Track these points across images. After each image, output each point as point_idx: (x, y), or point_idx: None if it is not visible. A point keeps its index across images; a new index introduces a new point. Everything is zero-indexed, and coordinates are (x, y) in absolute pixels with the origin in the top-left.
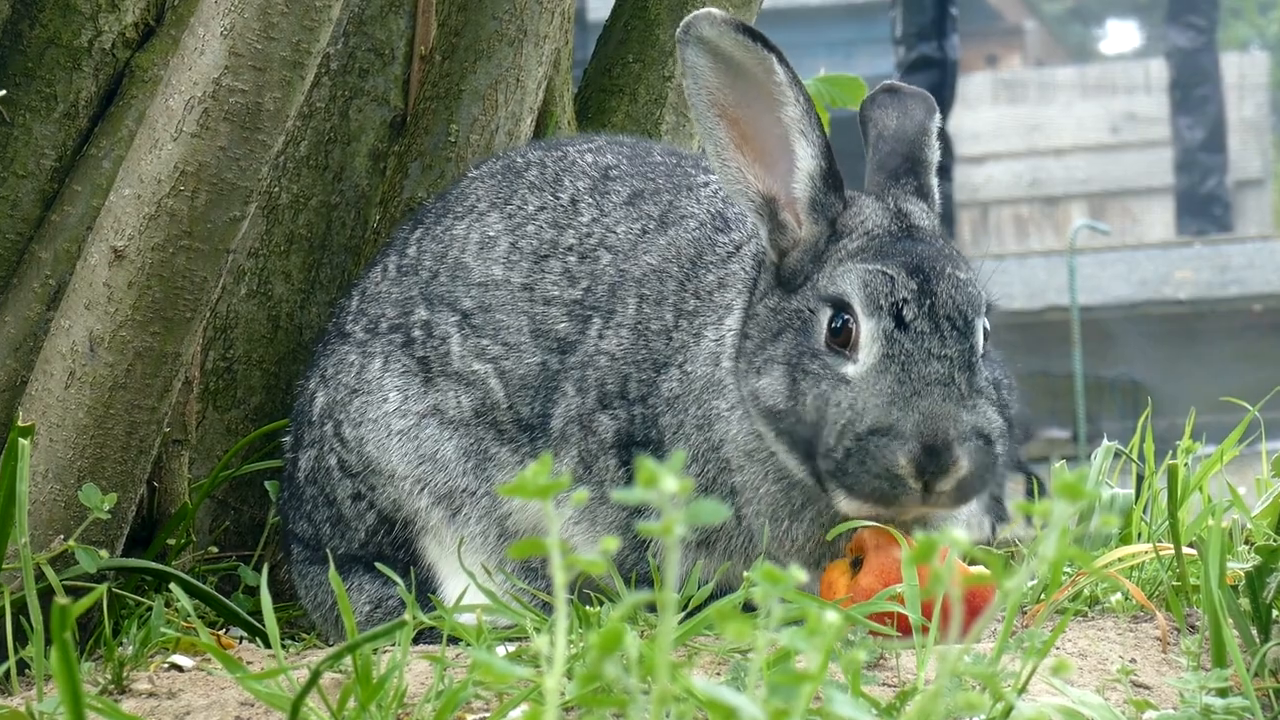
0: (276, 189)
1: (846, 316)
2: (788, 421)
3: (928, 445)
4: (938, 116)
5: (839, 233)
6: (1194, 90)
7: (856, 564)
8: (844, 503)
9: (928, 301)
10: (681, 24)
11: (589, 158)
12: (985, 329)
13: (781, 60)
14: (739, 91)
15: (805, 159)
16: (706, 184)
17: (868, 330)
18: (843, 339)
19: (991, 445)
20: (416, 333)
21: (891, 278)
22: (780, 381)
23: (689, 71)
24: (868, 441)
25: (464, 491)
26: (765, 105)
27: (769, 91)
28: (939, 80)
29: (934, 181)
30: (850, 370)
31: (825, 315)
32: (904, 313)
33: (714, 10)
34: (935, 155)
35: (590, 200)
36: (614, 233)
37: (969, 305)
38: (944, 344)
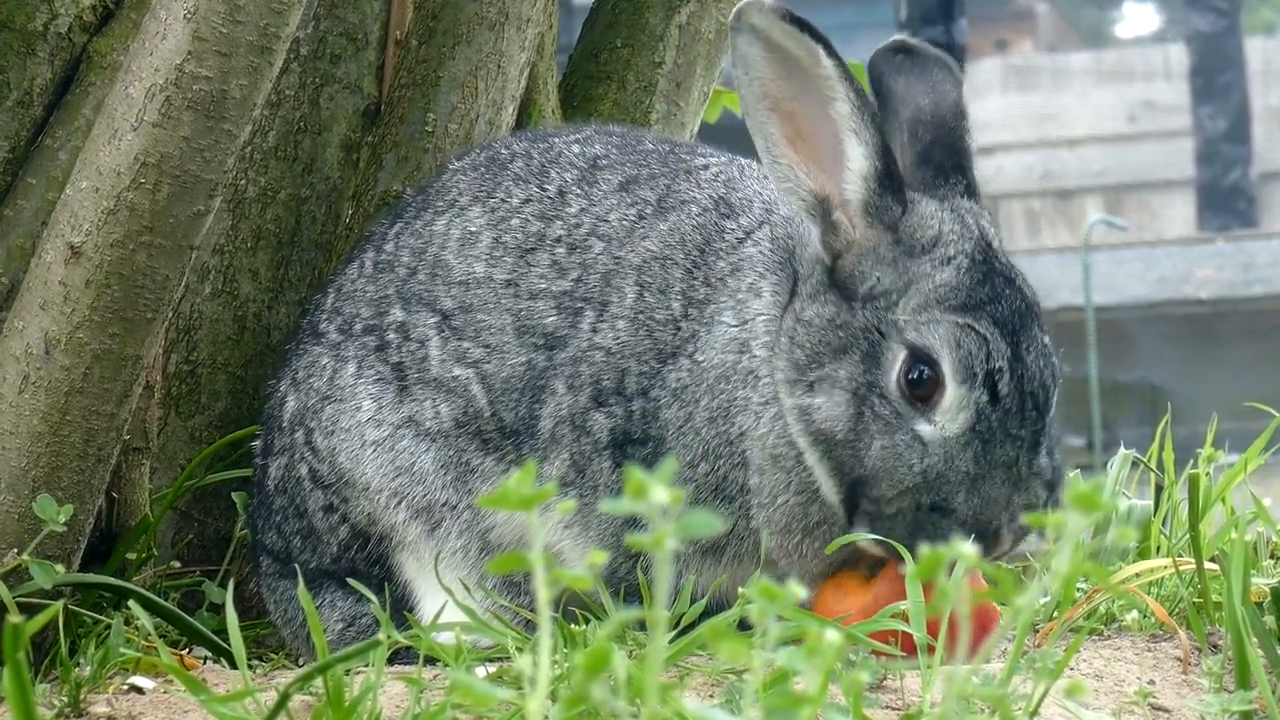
0: (243, 181)
1: (929, 372)
2: (843, 453)
3: (979, 535)
4: (964, 88)
5: (908, 244)
6: (1216, 77)
7: (874, 570)
8: (864, 536)
9: (1019, 372)
10: (733, 11)
11: (576, 148)
12: None
13: (830, 51)
14: (793, 84)
15: (857, 159)
16: (706, 167)
17: (956, 396)
18: (922, 393)
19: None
20: (391, 335)
21: (985, 340)
22: (842, 409)
23: (740, 61)
24: (923, 513)
25: (444, 505)
26: (816, 100)
27: (818, 85)
28: None
29: (975, 177)
30: (926, 431)
31: (900, 356)
32: (999, 386)
33: None
34: (974, 141)
35: (578, 191)
36: (606, 221)
37: (1052, 379)
38: (1022, 424)
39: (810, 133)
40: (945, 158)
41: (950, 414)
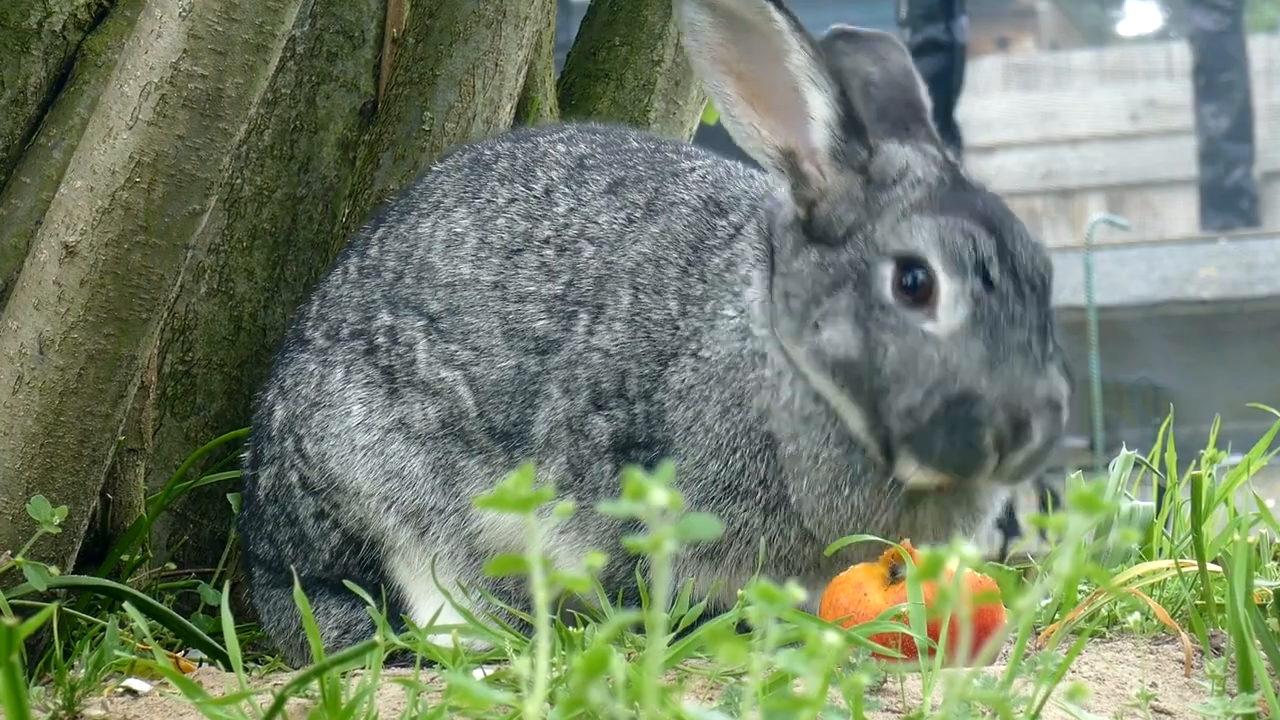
0: (239, 180)
1: (920, 273)
2: (862, 372)
3: (1011, 419)
4: (909, 55)
5: (878, 180)
6: (1219, 75)
7: (894, 573)
8: (910, 469)
9: (1008, 260)
10: None
11: (561, 147)
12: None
13: (779, 6)
14: (743, 46)
15: (819, 106)
16: (693, 169)
17: (950, 289)
18: (919, 295)
19: (1059, 412)
20: (380, 339)
21: (970, 233)
22: (850, 333)
23: (688, 29)
24: (955, 409)
25: (432, 509)
26: (770, 56)
27: (771, 41)
28: (947, 65)
29: (935, 128)
30: (932, 328)
31: (888, 269)
32: (990, 272)
33: None
34: (928, 99)
35: (566, 190)
36: (595, 223)
37: (1046, 267)
38: (1025, 308)
39: (767, 90)
40: (901, 111)
41: (950, 309)
